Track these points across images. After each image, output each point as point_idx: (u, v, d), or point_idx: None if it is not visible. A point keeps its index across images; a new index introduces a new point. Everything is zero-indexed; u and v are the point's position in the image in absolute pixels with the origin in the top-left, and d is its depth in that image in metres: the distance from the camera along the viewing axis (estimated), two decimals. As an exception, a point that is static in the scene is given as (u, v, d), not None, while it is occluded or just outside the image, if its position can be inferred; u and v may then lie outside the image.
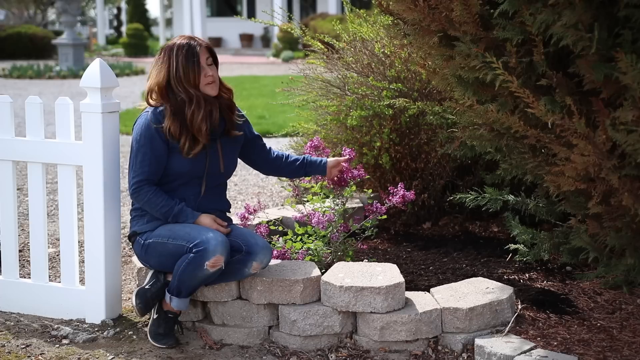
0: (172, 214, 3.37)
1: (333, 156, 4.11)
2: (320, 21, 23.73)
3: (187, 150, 3.34)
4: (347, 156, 3.79)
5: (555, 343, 3.18)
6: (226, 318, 3.46)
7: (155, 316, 3.42)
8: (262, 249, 3.34)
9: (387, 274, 3.38)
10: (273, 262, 3.57)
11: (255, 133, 3.67)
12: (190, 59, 3.33)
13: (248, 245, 3.34)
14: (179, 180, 3.41)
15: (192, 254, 3.22)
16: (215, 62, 3.44)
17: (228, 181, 3.67)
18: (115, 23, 48.83)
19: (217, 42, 33.27)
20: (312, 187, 3.98)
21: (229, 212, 3.64)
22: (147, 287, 3.42)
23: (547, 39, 2.93)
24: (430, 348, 3.29)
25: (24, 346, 3.41)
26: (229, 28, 33.31)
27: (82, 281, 3.80)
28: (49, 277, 3.89)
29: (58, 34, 29.22)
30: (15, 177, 3.82)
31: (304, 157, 3.73)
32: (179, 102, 3.33)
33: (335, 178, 3.80)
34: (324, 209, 3.87)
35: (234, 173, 3.93)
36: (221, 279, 3.38)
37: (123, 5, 45.15)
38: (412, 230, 4.84)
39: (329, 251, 3.80)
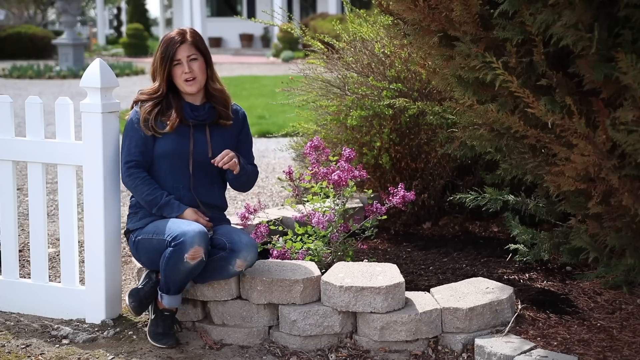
0: (158, 205, 3.40)
1: (333, 156, 4.11)
2: (320, 21, 23.72)
3: (152, 119, 3.44)
4: None
5: (555, 343, 3.18)
6: (226, 318, 3.46)
7: (152, 316, 3.43)
8: (245, 246, 3.33)
9: (387, 274, 3.38)
10: (273, 262, 3.57)
11: (247, 145, 3.66)
12: (165, 52, 3.45)
13: (232, 242, 3.33)
14: (166, 163, 3.45)
15: (171, 248, 3.24)
16: (206, 59, 3.49)
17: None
18: (115, 23, 48.79)
19: (217, 42, 33.26)
20: (312, 187, 3.98)
21: (225, 209, 3.64)
22: (139, 286, 3.45)
23: (547, 39, 2.93)
24: (430, 348, 3.29)
25: (24, 346, 3.41)
26: (229, 28, 33.31)
27: (82, 281, 3.80)
28: (49, 277, 3.89)
29: (58, 34, 29.20)
30: (15, 177, 3.82)
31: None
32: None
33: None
34: (324, 209, 3.87)
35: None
36: (206, 277, 3.39)
37: (123, 5, 45.13)
38: (412, 230, 4.84)
39: (329, 251, 3.80)
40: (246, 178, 3.58)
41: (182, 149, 3.45)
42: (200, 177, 3.49)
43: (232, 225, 3.64)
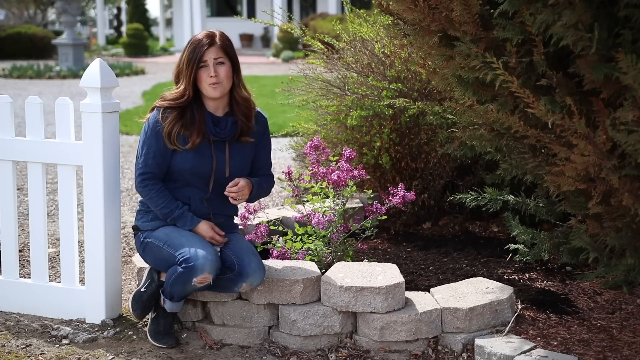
0: (172, 217, 3.38)
1: (333, 156, 4.11)
2: (320, 21, 23.70)
3: (175, 134, 3.32)
4: None
5: (555, 343, 3.18)
6: (226, 318, 3.46)
7: (153, 315, 3.43)
8: (254, 272, 3.30)
9: (387, 274, 3.38)
10: (273, 262, 3.57)
11: (265, 154, 3.59)
12: (192, 54, 3.32)
13: (241, 265, 3.31)
14: (183, 179, 3.40)
15: (180, 268, 3.23)
16: (233, 64, 3.38)
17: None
18: (115, 23, 48.77)
19: (217, 42, 33.21)
20: (312, 187, 3.98)
21: (236, 215, 3.64)
22: (142, 289, 3.44)
23: (547, 39, 2.93)
24: (430, 348, 3.29)
25: (24, 346, 3.41)
26: (229, 28, 32.93)
27: (82, 281, 3.80)
28: (49, 277, 3.89)
29: (58, 34, 29.19)
30: (15, 177, 3.82)
31: None
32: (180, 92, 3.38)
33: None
34: (324, 209, 3.87)
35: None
36: (210, 290, 3.39)
37: (123, 5, 45.11)
38: (412, 230, 4.84)
39: (329, 251, 3.80)
40: (258, 199, 3.57)
41: (201, 167, 3.37)
42: (216, 191, 3.44)
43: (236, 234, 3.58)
